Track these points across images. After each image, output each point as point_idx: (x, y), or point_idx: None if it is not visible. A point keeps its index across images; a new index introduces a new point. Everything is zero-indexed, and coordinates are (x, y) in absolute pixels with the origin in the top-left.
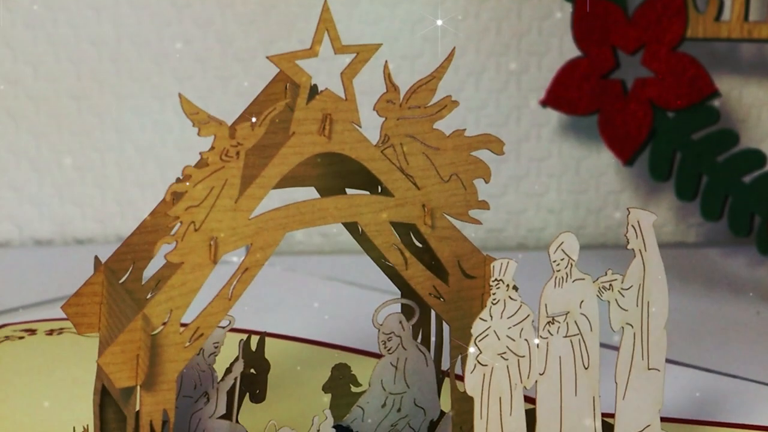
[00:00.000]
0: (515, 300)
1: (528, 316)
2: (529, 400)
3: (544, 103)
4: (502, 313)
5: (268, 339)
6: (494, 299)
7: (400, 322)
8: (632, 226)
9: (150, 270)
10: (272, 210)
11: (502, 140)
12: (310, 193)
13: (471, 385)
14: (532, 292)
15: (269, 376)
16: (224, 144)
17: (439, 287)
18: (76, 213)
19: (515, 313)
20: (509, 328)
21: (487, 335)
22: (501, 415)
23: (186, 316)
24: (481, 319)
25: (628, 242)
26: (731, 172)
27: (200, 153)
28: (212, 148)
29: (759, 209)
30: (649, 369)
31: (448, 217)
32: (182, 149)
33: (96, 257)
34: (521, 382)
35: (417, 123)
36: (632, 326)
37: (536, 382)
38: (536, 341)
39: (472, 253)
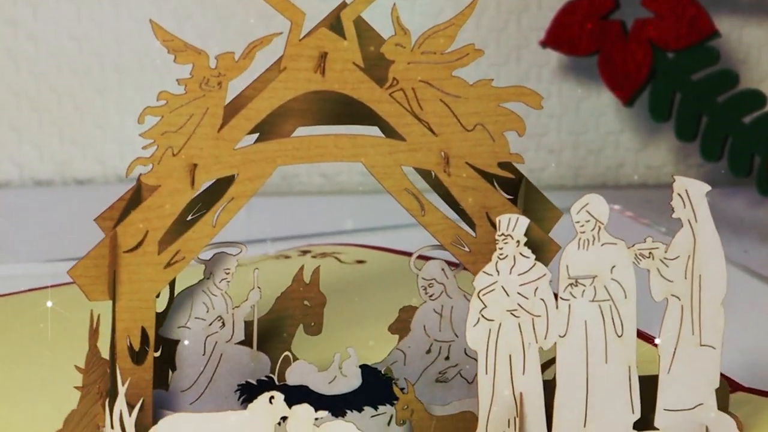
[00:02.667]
0: (528, 257)
1: (544, 275)
2: None
3: (544, 43)
4: (511, 270)
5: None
6: (501, 254)
7: (443, 270)
8: (678, 194)
9: None
10: (262, 142)
11: (538, 93)
12: None
13: (473, 338)
14: None
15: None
16: (204, 73)
17: (464, 237)
18: (77, 153)
19: (528, 271)
20: (521, 285)
21: (493, 290)
22: (512, 373)
23: None
24: (485, 272)
25: (673, 211)
26: (731, 113)
27: (177, 79)
28: (191, 76)
29: (759, 150)
30: (701, 345)
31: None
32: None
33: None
34: (537, 342)
35: (433, 69)
36: (679, 298)
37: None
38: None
39: (504, 206)
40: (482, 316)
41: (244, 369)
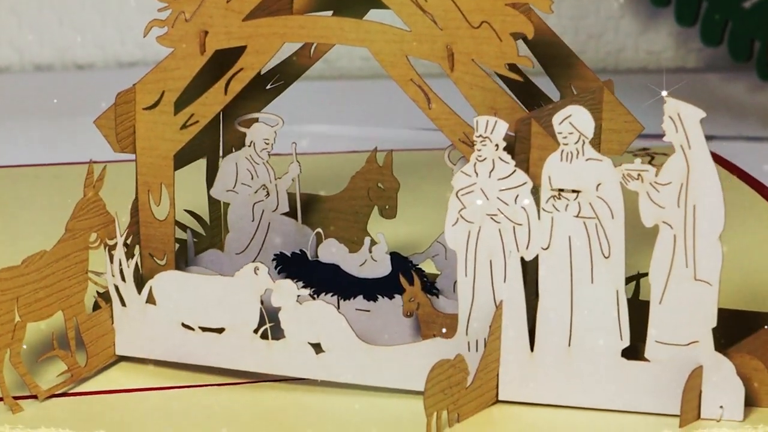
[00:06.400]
0: (508, 163)
1: (525, 183)
2: None
3: None
4: (490, 173)
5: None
6: (480, 156)
7: None
8: (670, 117)
9: None
10: (270, 18)
11: None
12: None
13: (452, 238)
14: None
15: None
16: None
17: (472, 135)
18: (76, 38)
19: (508, 177)
20: (501, 190)
21: (471, 191)
22: (492, 280)
23: None
24: (463, 172)
25: (665, 133)
26: None
27: None
28: None
29: (759, 34)
30: (696, 279)
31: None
32: None
33: None
34: (518, 250)
35: None
36: (671, 227)
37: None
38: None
39: (512, 109)
40: (461, 216)
41: (291, 240)
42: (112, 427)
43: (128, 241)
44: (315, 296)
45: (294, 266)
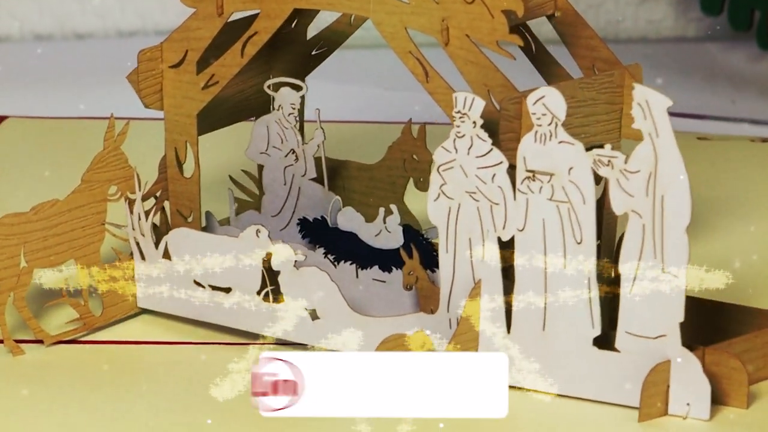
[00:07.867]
0: (485, 141)
1: (501, 162)
2: None
3: None
4: (469, 150)
5: None
6: (459, 132)
7: None
8: (638, 104)
9: None
10: None
11: None
12: None
13: (433, 213)
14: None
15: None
16: None
17: None
18: (76, 7)
19: (485, 155)
20: (479, 168)
21: (451, 167)
22: (472, 257)
23: None
24: (443, 148)
25: (633, 120)
26: None
27: None
28: None
29: (759, 4)
30: (663, 272)
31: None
32: None
33: None
34: (495, 230)
35: None
36: (640, 216)
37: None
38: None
39: (504, 87)
40: (442, 192)
41: (319, 205)
42: (112, 377)
43: (157, 195)
44: (335, 264)
45: (315, 232)
